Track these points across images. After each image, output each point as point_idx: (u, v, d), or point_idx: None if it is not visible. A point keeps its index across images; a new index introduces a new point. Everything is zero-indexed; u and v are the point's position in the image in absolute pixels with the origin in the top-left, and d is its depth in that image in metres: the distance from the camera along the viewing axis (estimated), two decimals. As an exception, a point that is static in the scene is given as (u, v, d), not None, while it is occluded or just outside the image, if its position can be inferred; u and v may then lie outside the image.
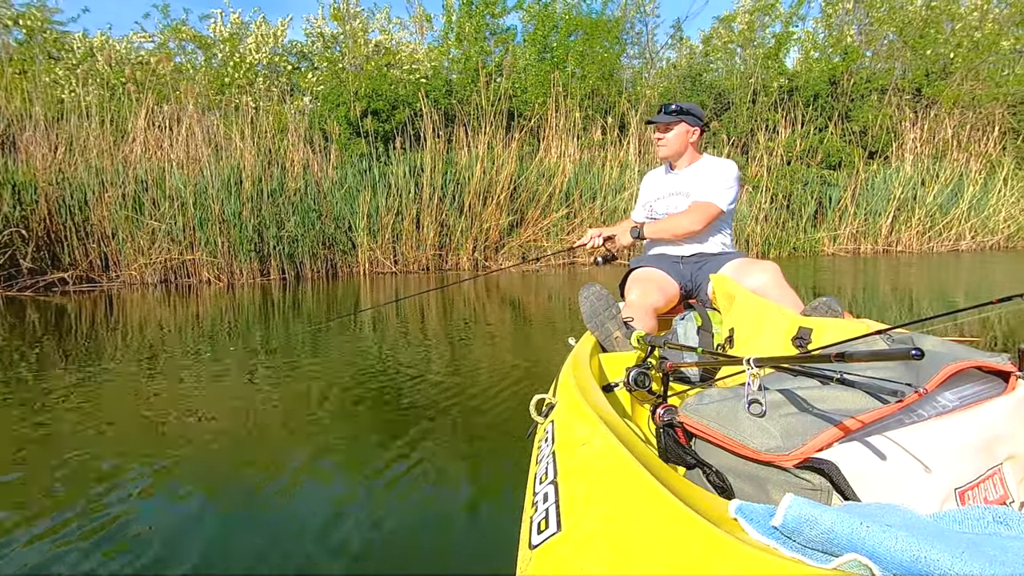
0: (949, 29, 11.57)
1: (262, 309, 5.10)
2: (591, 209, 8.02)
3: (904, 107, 10.68)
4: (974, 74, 10.94)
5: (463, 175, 7.56)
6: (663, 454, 0.96)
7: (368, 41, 11.50)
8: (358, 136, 7.97)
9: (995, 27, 11.47)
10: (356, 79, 8.42)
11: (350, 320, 4.46)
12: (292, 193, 6.95)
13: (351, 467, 1.85)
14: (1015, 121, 11.09)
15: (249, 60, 10.63)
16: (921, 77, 10.88)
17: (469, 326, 4.22)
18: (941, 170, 9.90)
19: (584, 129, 9.16)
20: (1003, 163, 10.23)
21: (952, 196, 9.71)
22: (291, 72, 10.28)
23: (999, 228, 9.88)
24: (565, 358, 1.56)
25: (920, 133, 10.59)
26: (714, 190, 2.20)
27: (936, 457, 0.83)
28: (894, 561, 0.53)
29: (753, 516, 0.65)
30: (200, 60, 10.83)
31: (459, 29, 9.76)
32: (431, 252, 7.45)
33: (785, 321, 1.43)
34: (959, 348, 1.03)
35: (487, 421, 2.20)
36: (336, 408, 2.42)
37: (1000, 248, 9.91)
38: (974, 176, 9.88)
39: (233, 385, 2.77)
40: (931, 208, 9.60)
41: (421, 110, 7.90)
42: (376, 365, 3.08)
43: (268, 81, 10.53)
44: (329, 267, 7.21)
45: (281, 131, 7.80)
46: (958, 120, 10.76)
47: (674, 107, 2.26)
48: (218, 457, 1.94)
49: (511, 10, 9.89)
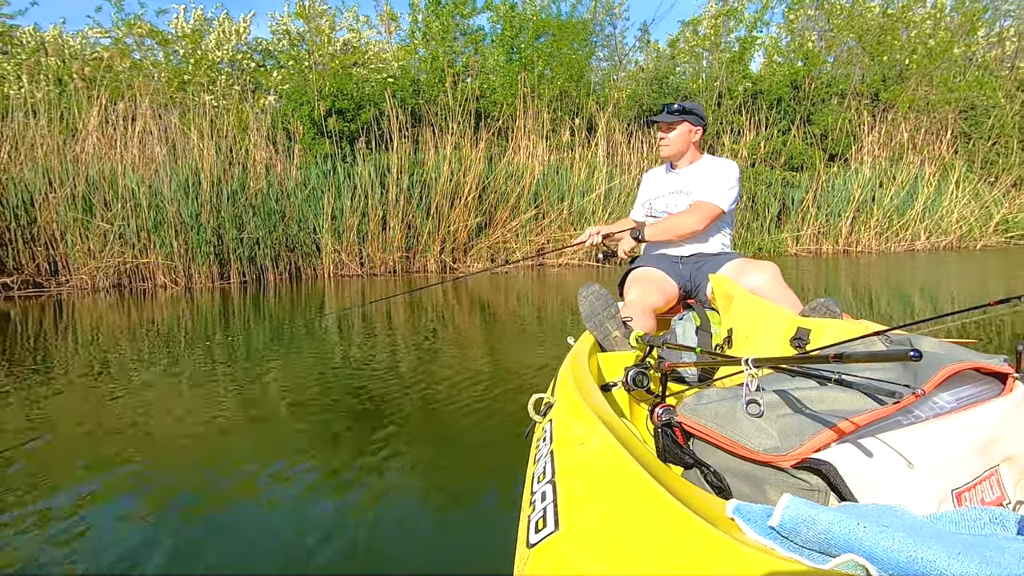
0: (905, 36, 11.96)
1: (222, 314, 4.94)
2: (559, 210, 8.01)
3: (862, 111, 10.99)
4: (928, 80, 11.33)
5: (430, 176, 7.47)
6: (661, 454, 0.96)
7: (336, 40, 11.32)
8: (323, 136, 7.81)
9: (947, 35, 11.91)
10: (320, 78, 8.25)
11: (335, 321, 4.37)
12: (253, 194, 6.76)
13: (350, 467, 1.84)
14: (966, 125, 11.52)
15: (211, 57, 10.35)
16: (878, 82, 11.21)
17: (437, 331, 4.15)
18: (898, 172, 10.21)
19: (553, 131, 9.16)
20: (955, 166, 10.61)
21: (908, 198, 10.02)
22: (255, 70, 10.03)
23: (952, 229, 10.24)
24: (563, 357, 1.56)
25: (878, 136, 10.91)
26: (715, 190, 2.19)
27: (933, 458, 0.83)
28: (891, 562, 0.53)
29: (750, 516, 0.65)
30: (160, 57, 10.49)
31: (426, 28, 9.66)
32: (398, 254, 7.34)
33: (784, 322, 1.43)
34: (957, 349, 1.03)
35: (486, 420, 2.20)
36: (330, 408, 2.40)
37: (953, 248, 10.27)
38: (928, 178, 10.22)
39: (203, 392, 2.65)
40: (888, 209, 9.89)
41: (387, 110, 7.78)
42: (369, 365, 3.06)
43: (231, 79, 10.27)
44: (293, 270, 7.04)
45: (243, 130, 7.59)
46: (913, 124, 11.12)
47: (677, 106, 2.24)
48: (194, 472, 1.84)
49: (481, 10, 9.85)
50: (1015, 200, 11.11)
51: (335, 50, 10.55)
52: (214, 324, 4.46)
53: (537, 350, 3.39)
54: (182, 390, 2.70)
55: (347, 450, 1.98)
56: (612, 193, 8.35)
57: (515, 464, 1.67)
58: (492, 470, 1.82)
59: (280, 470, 1.80)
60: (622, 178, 8.61)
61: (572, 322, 4.29)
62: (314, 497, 1.64)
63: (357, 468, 1.83)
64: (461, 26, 9.96)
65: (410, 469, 1.81)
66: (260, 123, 7.67)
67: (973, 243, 10.49)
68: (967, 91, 11.43)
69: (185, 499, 1.65)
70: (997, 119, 11.54)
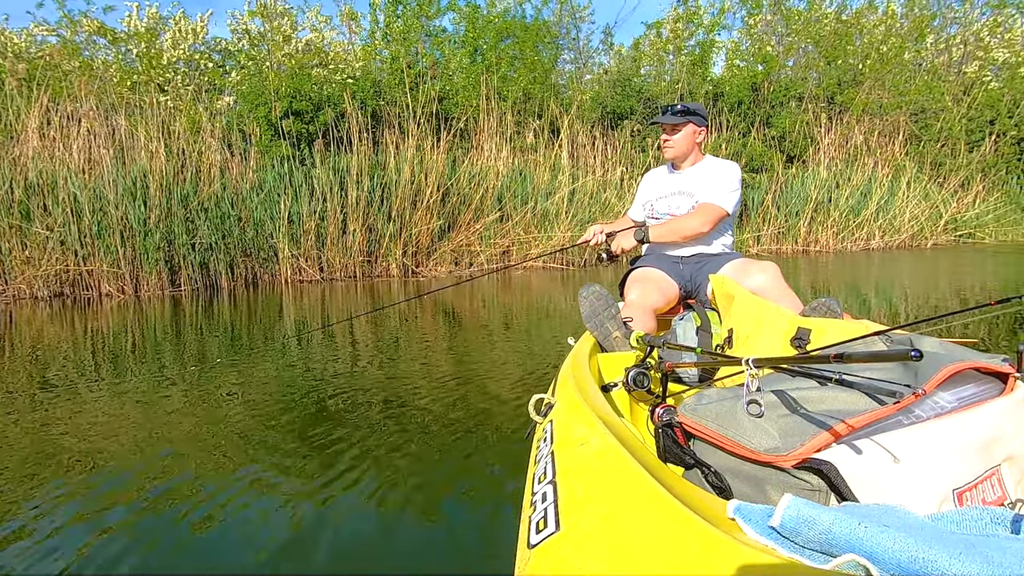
0: (859, 42, 12.33)
1: (172, 323, 4.75)
2: (523, 212, 7.97)
3: (819, 114, 11.28)
4: (880, 84, 11.70)
5: (391, 178, 7.35)
6: (662, 454, 0.96)
7: (298, 40, 11.07)
8: (280, 138, 7.61)
9: (898, 41, 12.32)
10: (277, 78, 8.04)
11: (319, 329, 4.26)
12: (206, 198, 6.53)
13: (349, 467, 1.84)
14: (916, 128, 11.93)
15: (167, 57, 10.01)
16: (834, 86, 11.52)
17: (405, 340, 4.06)
18: (853, 174, 10.50)
19: (517, 133, 9.13)
20: (906, 167, 10.97)
21: (862, 198, 10.31)
22: (212, 71, 9.74)
23: (904, 228, 10.58)
24: (564, 358, 1.57)
25: (834, 139, 11.21)
26: (720, 192, 2.17)
27: (934, 458, 0.83)
28: (892, 562, 0.54)
29: (751, 516, 0.66)
30: (110, 56, 10.10)
31: (387, 28, 9.53)
32: (359, 258, 7.19)
33: (784, 322, 1.42)
34: (958, 349, 1.04)
35: (486, 421, 2.20)
36: (332, 408, 2.40)
37: (905, 247, 10.61)
38: (881, 180, 10.53)
39: (168, 406, 2.51)
40: (844, 210, 10.15)
41: (347, 112, 7.63)
42: (366, 367, 3.07)
43: (188, 79, 9.94)
44: (249, 276, 6.83)
45: (196, 132, 7.34)
46: (867, 127, 11.47)
47: (680, 107, 2.22)
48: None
49: (445, 11, 9.76)
50: (962, 200, 11.55)
51: (295, 50, 10.33)
52: (163, 334, 4.28)
53: (506, 356, 3.34)
54: (146, 404, 2.56)
55: (347, 450, 1.97)
56: (576, 195, 8.36)
57: (516, 465, 1.72)
58: (493, 471, 1.82)
59: (281, 472, 1.81)
60: (585, 180, 8.63)
61: (544, 324, 4.26)
62: (315, 498, 1.63)
63: (357, 469, 1.82)
64: (426, 27, 9.86)
65: (411, 469, 1.81)
66: (214, 124, 7.43)
67: (924, 242, 10.86)
68: (917, 95, 11.84)
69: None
70: (945, 122, 11.98)
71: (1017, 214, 11.95)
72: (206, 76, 9.78)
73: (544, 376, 2.79)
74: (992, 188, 12.06)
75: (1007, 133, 12.40)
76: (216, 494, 1.69)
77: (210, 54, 10.85)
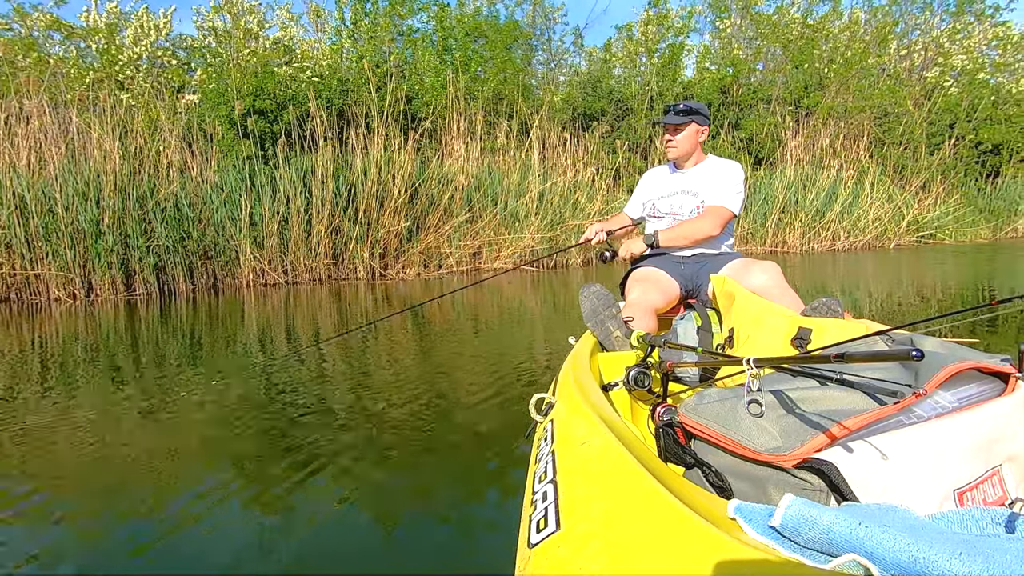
0: (826, 47, 12.59)
1: (127, 329, 4.58)
2: (493, 213, 7.91)
3: (786, 116, 11.47)
4: (845, 88, 11.95)
5: (358, 179, 7.21)
6: (662, 454, 0.96)
7: (266, 37, 10.84)
8: (243, 137, 7.41)
9: (861, 46, 12.61)
10: (240, 76, 7.84)
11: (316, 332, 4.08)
12: (164, 198, 6.33)
13: (349, 467, 1.84)
14: (879, 131, 12.22)
15: (128, 54, 9.71)
16: (800, 89, 11.73)
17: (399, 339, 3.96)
18: (818, 175, 10.69)
19: (487, 133, 9.08)
20: (870, 169, 11.21)
21: (828, 200, 10.50)
22: (173, 68, 9.48)
23: (868, 229, 10.80)
24: (565, 357, 1.56)
25: (801, 141, 11.41)
26: (726, 193, 2.17)
27: (935, 458, 0.83)
28: (892, 561, 0.54)
29: (752, 516, 0.66)
30: (63, 51, 9.75)
31: (354, 27, 9.38)
32: (324, 261, 7.04)
33: (785, 321, 1.42)
34: (959, 349, 1.03)
35: (486, 421, 2.20)
36: (332, 409, 2.41)
37: (869, 247, 10.84)
38: (846, 181, 10.75)
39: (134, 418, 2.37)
40: (810, 211, 10.32)
41: (312, 111, 7.47)
42: (364, 368, 3.10)
43: (150, 76, 9.66)
44: (209, 279, 6.63)
45: (154, 131, 7.11)
46: (833, 130, 11.70)
47: (683, 107, 2.20)
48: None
49: (420, 10, 9.67)
50: (923, 201, 11.85)
51: (262, 48, 10.11)
52: (117, 341, 4.12)
53: (471, 362, 3.27)
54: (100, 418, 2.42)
55: (347, 451, 1.97)
56: (545, 196, 8.33)
57: (516, 464, 1.74)
58: (493, 470, 1.81)
59: (283, 471, 1.80)
60: (556, 180, 8.62)
61: (518, 327, 4.20)
62: (315, 499, 1.63)
63: (358, 469, 1.83)
64: (399, 27, 9.75)
65: (411, 470, 1.81)
66: (174, 123, 7.21)
67: (887, 242, 11.11)
68: (880, 99, 12.12)
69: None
70: (907, 125, 12.29)
71: (975, 215, 12.32)
72: (169, 73, 9.51)
73: (544, 376, 2.78)
74: (952, 190, 12.41)
75: (965, 137, 12.78)
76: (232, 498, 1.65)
77: (174, 51, 10.58)
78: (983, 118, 12.87)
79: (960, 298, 5.02)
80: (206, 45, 10.33)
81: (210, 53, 9.65)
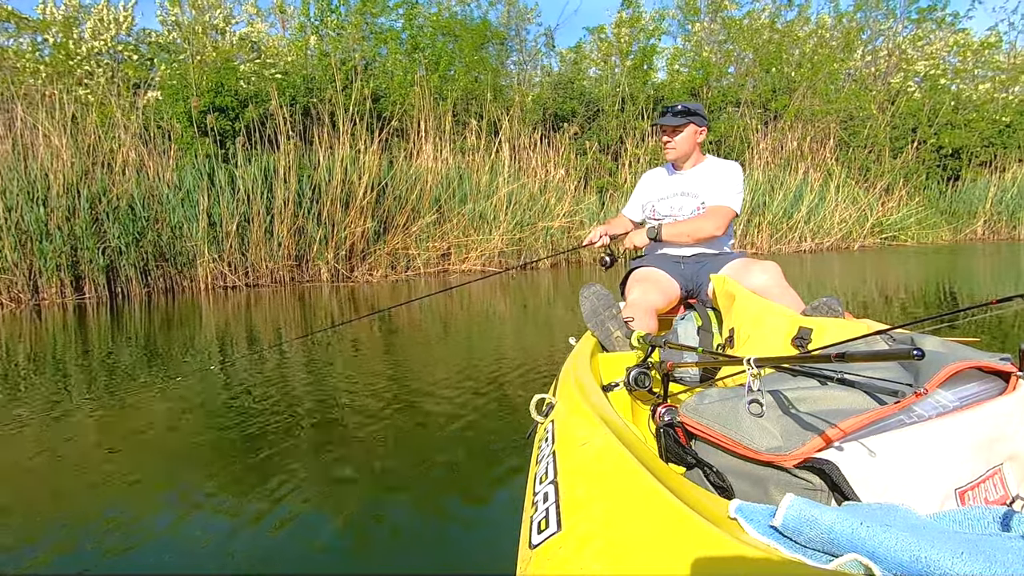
0: (796, 52, 12.80)
1: (77, 334, 4.40)
2: (461, 214, 7.83)
3: (755, 119, 11.62)
4: (813, 91, 12.15)
5: (322, 178, 7.06)
6: (663, 454, 0.96)
7: (232, 33, 10.58)
8: (203, 135, 7.20)
9: (826, 50, 12.85)
10: (199, 72, 7.63)
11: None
12: (116, 198, 6.10)
13: (349, 467, 1.85)
14: (845, 135, 12.46)
15: (86, 48, 9.39)
16: (768, 92, 11.89)
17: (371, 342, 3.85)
18: (786, 177, 10.85)
19: (458, 133, 8.99)
20: (836, 172, 11.42)
21: (795, 202, 10.66)
22: (127, 63, 9.19)
23: (834, 230, 11.00)
24: (565, 358, 1.57)
25: (769, 144, 11.56)
26: (727, 193, 2.17)
27: (936, 457, 0.83)
28: (894, 561, 0.54)
29: (753, 516, 0.66)
30: (16, 44, 9.38)
31: (322, 23, 9.21)
32: (286, 263, 6.87)
33: (785, 321, 1.42)
34: (960, 348, 1.03)
35: (486, 422, 2.22)
36: (331, 410, 2.41)
37: (835, 248, 11.04)
38: (812, 184, 10.93)
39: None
40: (778, 212, 10.46)
41: (274, 108, 7.29)
42: (362, 369, 3.08)
43: (110, 71, 9.35)
44: (167, 282, 6.42)
45: (109, 128, 6.87)
46: (800, 133, 11.89)
47: (680, 107, 2.20)
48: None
49: (394, 8, 9.53)
50: (887, 204, 12.12)
51: (229, 43, 9.87)
52: (64, 347, 3.95)
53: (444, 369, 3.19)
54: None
55: (348, 451, 1.98)
56: (514, 196, 8.28)
57: (517, 465, 1.76)
58: (494, 471, 1.82)
59: (283, 473, 1.79)
60: (526, 181, 8.57)
61: (484, 330, 4.13)
62: (316, 499, 1.63)
63: (358, 468, 1.83)
64: (371, 24, 9.60)
65: (411, 470, 1.81)
66: (131, 119, 6.97)
67: (852, 243, 11.32)
68: (846, 103, 12.36)
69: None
70: (871, 129, 12.56)
71: (936, 217, 12.63)
72: (129, 69, 9.22)
73: (544, 375, 2.79)
74: (914, 192, 12.71)
75: (927, 141, 13.11)
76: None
77: (137, 46, 10.27)
78: (944, 123, 13.22)
79: (923, 297, 5.11)
80: (171, 40, 10.05)
81: (171, 48, 9.38)
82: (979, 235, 13.15)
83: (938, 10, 13.79)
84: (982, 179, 13.44)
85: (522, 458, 1.38)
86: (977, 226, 13.10)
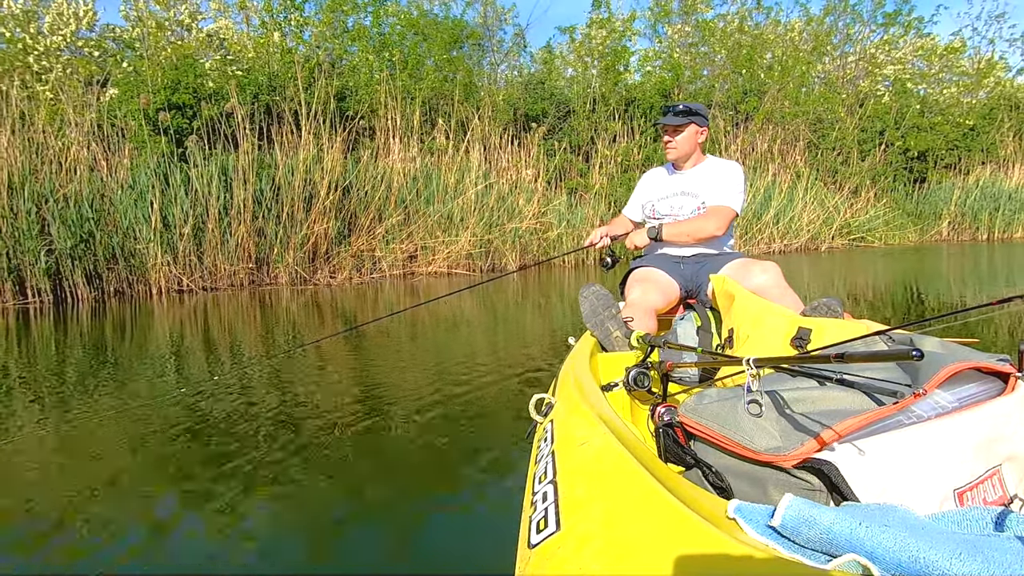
0: (770, 57, 12.92)
1: (18, 340, 4.21)
2: (426, 215, 7.70)
3: (726, 121, 11.68)
4: (783, 94, 12.27)
5: (283, 178, 6.88)
6: (662, 454, 0.96)
7: (199, 30, 10.30)
8: (158, 133, 6.95)
9: (796, 54, 12.99)
10: (154, 68, 7.38)
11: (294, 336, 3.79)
12: (63, 198, 5.85)
13: (348, 467, 1.85)
14: (814, 137, 12.61)
15: (45, 44, 9.07)
16: (739, 95, 11.97)
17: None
18: (756, 179, 10.92)
19: (426, 133, 8.86)
20: (805, 174, 11.54)
21: (764, 203, 10.73)
22: (79, 59, 8.88)
23: (802, 232, 11.10)
24: (565, 358, 1.57)
25: (739, 145, 11.64)
26: (728, 193, 2.17)
27: (935, 458, 0.83)
28: (892, 561, 0.54)
29: (752, 516, 0.66)
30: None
31: (286, 20, 9.00)
32: (245, 265, 6.67)
33: (785, 322, 1.42)
34: (959, 349, 1.03)
35: (486, 422, 2.22)
36: (330, 411, 2.38)
37: (803, 250, 11.14)
38: (781, 185, 11.02)
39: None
40: (747, 214, 10.52)
41: (233, 106, 7.08)
42: (361, 371, 3.08)
43: (70, 68, 9.03)
44: (118, 286, 6.18)
45: (59, 126, 6.60)
46: (771, 135, 11.99)
47: (682, 107, 2.20)
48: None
49: (363, 7, 9.36)
50: (854, 205, 12.28)
51: (195, 39, 9.60)
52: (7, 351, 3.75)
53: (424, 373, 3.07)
54: None
55: (347, 451, 1.97)
56: (483, 197, 8.17)
57: (516, 464, 1.75)
58: (493, 470, 1.82)
59: (285, 472, 1.80)
60: (495, 181, 8.47)
61: (454, 335, 4.02)
62: (316, 499, 1.64)
63: (358, 468, 1.84)
64: (343, 22, 9.42)
65: (411, 470, 1.83)
66: (83, 117, 6.70)
67: (820, 245, 11.45)
68: (814, 105, 12.50)
69: None
70: (840, 132, 12.72)
71: (903, 219, 12.85)
72: (81, 64, 8.92)
73: (543, 375, 2.77)
74: (881, 195, 12.91)
75: (894, 143, 13.33)
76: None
77: (100, 42, 9.95)
78: (910, 126, 13.45)
79: (891, 296, 5.16)
80: (135, 36, 9.76)
81: (132, 45, 9.09)
82: (944, 236, 13.41)
83: (903, 15, 14.05)
84: (947, 181, 13.71)
85: (521, 458, 1.39)
86: (942, 227, 13.36)
